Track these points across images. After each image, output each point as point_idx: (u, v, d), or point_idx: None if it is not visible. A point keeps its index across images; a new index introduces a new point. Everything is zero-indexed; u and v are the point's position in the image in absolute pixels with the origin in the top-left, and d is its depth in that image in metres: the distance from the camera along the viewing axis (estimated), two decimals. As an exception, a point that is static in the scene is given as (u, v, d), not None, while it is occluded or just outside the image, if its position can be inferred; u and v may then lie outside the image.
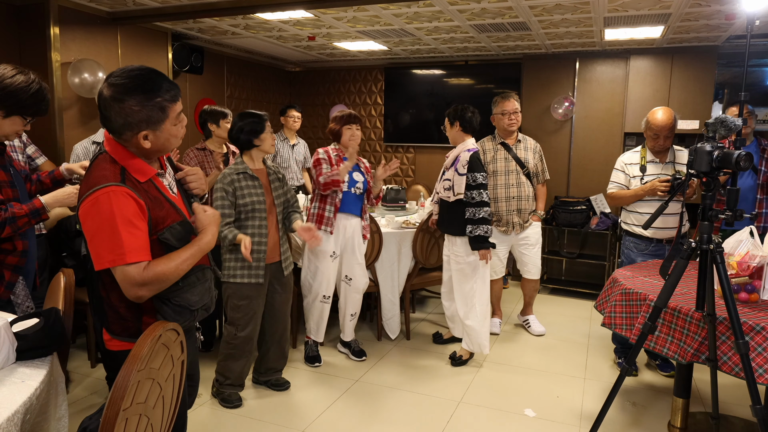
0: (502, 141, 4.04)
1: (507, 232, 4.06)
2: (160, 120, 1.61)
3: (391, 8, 3.99)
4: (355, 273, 3.61)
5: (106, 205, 1.52)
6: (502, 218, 4.03)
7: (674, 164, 3.37)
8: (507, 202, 4.00)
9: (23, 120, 2.19)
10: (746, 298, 2.35)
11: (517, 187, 3.99)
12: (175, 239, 1.66)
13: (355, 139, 3.48)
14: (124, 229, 1.52)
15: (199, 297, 1.77)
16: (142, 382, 1.34)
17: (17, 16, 3.86)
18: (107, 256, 1.52)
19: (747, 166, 2.07)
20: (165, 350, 1.45)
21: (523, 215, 4.04)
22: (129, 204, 1.55)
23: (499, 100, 4.00)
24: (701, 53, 5.09)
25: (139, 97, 1.56)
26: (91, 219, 1.53)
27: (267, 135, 2.99)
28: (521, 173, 4.00)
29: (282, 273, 3.09)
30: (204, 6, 3.95)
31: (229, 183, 2.90)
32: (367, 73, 6.76)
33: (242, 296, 2.96)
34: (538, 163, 4.10)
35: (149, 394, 1.40)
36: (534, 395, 3.23)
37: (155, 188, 1.66)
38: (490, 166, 4.01)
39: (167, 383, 1.50)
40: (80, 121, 4.11)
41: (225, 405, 3.03)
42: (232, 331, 3.00)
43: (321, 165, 3.46)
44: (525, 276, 4.27)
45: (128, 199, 1.55)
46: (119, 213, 1.52)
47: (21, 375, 1.44)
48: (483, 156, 4.05)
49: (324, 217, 3.45)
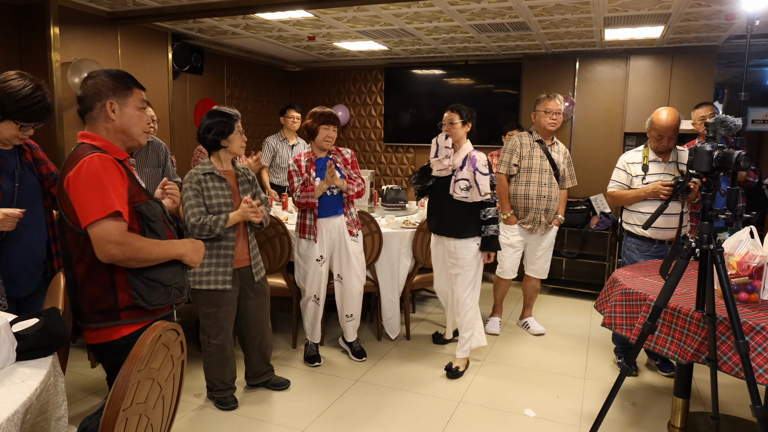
0: (539, 139, 4.03)
1: (533, 230, 4.05)
2: (125, 94, 1.86)
3: (391, 8, 4.00)
4: (346, 272, 3.53)
5: (94, 166, 1.70)
6: (528, 215, 4.02)
7: (677, 164, 3.35)
8: (538, 200, 3.99)
9: (16, 125, 2.19)
10: (746, 298, 2.35)
11: (549, 186, 3.98)
12: (149, 214, 1.84)
13: (330, 141, 3.39)
14: (112, 187, 1.71)
15: (171, 275, 1.89)
16: (142, 382, 1.34)
17: (17, 16, 3.86)
18: (98, 207, 1.68)
19: (747, 166, 2.07)
20: (165, 350, 1.45)
21: (549, 216, 4.03)
22: (114, 169, 1.75)
23: (543, 99, 3.98)
24: (701, 53, 5.09)
25: (109, 74, 1.87)
26: (80, 180, 1.70)
27: (235, 136, 2.86)
28: (552, 174, 4.00)
29: (253, 278, 3.00)
30: (204, 6, 3.95)
31: (197, 182, 2.82)
32: (367, 73, 6.76)
33: (210, 303, 2.88)
34: (566, 168, 4.09)
35: (149, 394, 1.40)
36: (534, 395, 3.23)
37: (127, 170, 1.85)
38: (525, 161, 3.99)
39: (167, 383, 1.50)
40: (80, 121, 4.07)
41: (221, 407, 3.01)
42: (205, 339, 2.96)
43: (292, 179, 3.42)
44: (529, 274, 4.26)
45: (113, 165, 1.75)
46: (106, 174, 1.71)
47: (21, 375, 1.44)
48: (519, 149, 4.04)
49: (306, 226, 3.42)
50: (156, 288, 1.83)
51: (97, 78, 1.85)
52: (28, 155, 2.41)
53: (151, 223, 1.84)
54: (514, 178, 4.07)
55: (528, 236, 4.10)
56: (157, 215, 1.88)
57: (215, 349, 2.96)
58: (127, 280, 1.79)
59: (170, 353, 1.48)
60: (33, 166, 2.41)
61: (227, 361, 3.01)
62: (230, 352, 3.04)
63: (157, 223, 1.87)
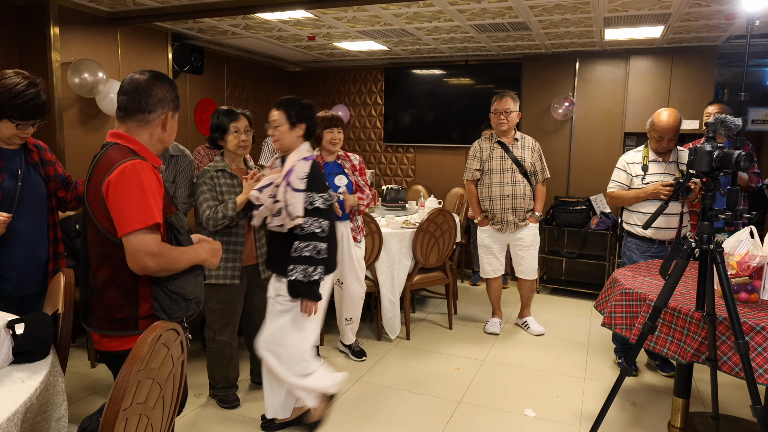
0: (498, 140, 4.04)
1: (502, 230, 4.06)
2: (177, 108, 1.86)
3: (391, 8, 3.99)
4: (347, 277, 3.53)
5: (135, 174, 1.65)
6: (496, 216, 4.04)
7: (677, 164, 3.35)
8: (501, 200, 4.01)
9: (13, 123, 2.19)
10: (746, 298, 2.35)
11: (512, 185, 3.99)
12: (179, 225, 1.80)
13: (335, 143, 3.41)
14: (152, 197, 1.67)
15: (193, 288, 1.86)
16: (142, 382, 1.34)
17: (17, 16, 3.86)
18: (138, 217, 1.62)
19: (747, 166, 2.07)
20: (165, 350, 1.45)
21: (519, 214, 4.03)
22: (153, 177, 1.70)
23: (494, 99, 4.01)
24: (701, 53, 5.09)
25: (172, 85, 1.85)
26: (122, 186, 1.64)
27: (231, 136, 2.91)
28: (517, 172, 3.99)
29: (260, 276, 3.04)
30: (204, 6, 3.95)
31: (210, 178, 2.87)
32: (367, 73, 6.76)
33: (218, 299, 2.92)
34: (537, 162, 4.08)
35: (149, 394, 1.40)
36: (534, 395, 3.23)
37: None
38: (486, 165, 4.02)
39: (167, 383, 1.50)
40: (80, 121, 4.11)
41: (223, 405, 3.03)
42: (211, 335, 2.99)
43: None
44: (519, 276, 4.27)
45: (152, 173, 1.70)
46: (147, 182, 1.66)
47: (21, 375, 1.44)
48: (480, 153, 4.05)
49: None
50: (178, 301, 1.79)
51: (163, 85, 1.80)
52: (34, 155, 2.40)
53: (179, 236, 1.80)
54: (479, 182, 4.11)
55: (500, 236, 4.11)
56: (185, 227, 1.86)
57: (220, 345, 2.98)
58: (151, 291, 1.75)
59: (170, 353, 1.48)
60: (39, 166, 2.40)
61: (231, 359, 3.03)
62: (235, 350, 3.06)
63: (185, 235, 1.84)
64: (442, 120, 6.40)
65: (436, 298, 5.16)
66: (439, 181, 6.40)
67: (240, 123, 2.92)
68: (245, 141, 2.95)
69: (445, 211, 4.13)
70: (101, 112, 4.16)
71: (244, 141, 2.94)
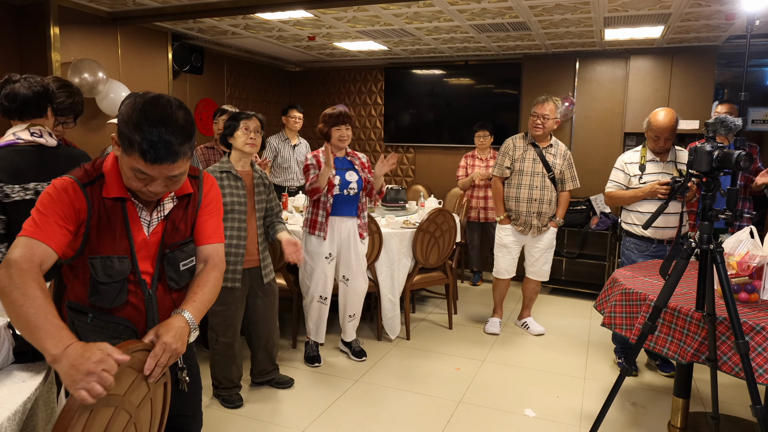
0: (533, 141, 4.01)
1: (524, 232, 4.05)
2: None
3: (391, 8, 4.00)
4: (353, 274, 3.58)
5: (47, 189, 1.47)
6: (520, 218, 4.02)
7: (675, 163, 3.36)
8: (528, 203, 3.98)
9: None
10: (746, 298, 2.35)
11: (541, 190, 3.96)
12: (103, 272, 1.53)
13: (344, 140, 3.44)
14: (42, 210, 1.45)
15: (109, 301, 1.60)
16: (97, 412, 1.21)
17: (17, 16, 3.86)
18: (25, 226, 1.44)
19: (747, 166, 2.07)
20: (134, 373, 1.34)
21: (543, 219, 4.01)
22: (61, 199, 1.47)
23: (537, 100, 3.96)
24: (701, 53, 5.09)
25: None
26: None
27: (240, 132, 2.94)
28: (547, 177, 3.97)
29: (261, 279, 3.06)
30: (204, 6, 3.95)
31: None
32: (367, 73, 6.76)
33: (219, 301, 2.90)
34: (566, 170, 4.03)
35: (111, 423, 1.27)
36: (534, 395, 3.23)
37: (121, 212, 1.54)
38: (516, 164, 3.99)
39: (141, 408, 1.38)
40: (80, 121, 4.08)
41: (226, 405, 3.04)
42: (213, 337, 3.01)
43: (309, 171, 3.44)
44: (528, 276, 4.26)
45: (64, 195, 1.47)
46: (44, 198, 1.47)
47: (22, 375, 1.44)
48: (512, 152, 4.04)
49: (317, 222, 3.45)
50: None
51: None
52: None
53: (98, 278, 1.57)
54: (507, 181, 4.08)
55: (522, 237, 4.10)
56: (113, 274, 1.57)
57: (223, 347, 2.99)
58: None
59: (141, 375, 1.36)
60: None
61: (234, 359, 3.05)
62: (237, 351, 3.08)
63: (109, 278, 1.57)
64: (442, 120, 6.40)
65: (436, 298, 5.16)
66: (439, 181, 6.40)
67: (251, 122, 2.97)
68: (253, 139, 2.98)
69: (445, 211, 4.13)
70: (101, 112, 4.16)
71: (252, 139, 2.97)
